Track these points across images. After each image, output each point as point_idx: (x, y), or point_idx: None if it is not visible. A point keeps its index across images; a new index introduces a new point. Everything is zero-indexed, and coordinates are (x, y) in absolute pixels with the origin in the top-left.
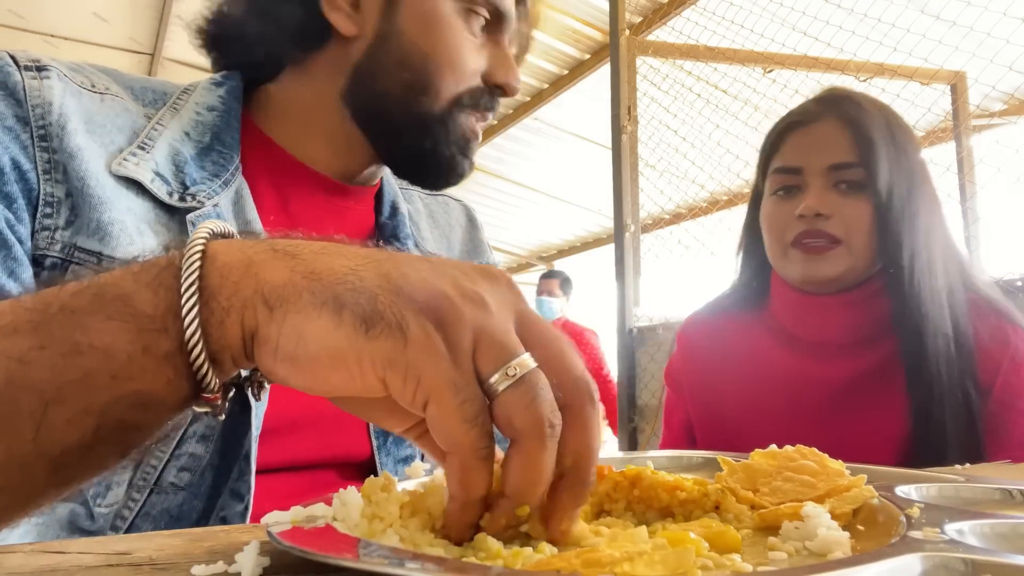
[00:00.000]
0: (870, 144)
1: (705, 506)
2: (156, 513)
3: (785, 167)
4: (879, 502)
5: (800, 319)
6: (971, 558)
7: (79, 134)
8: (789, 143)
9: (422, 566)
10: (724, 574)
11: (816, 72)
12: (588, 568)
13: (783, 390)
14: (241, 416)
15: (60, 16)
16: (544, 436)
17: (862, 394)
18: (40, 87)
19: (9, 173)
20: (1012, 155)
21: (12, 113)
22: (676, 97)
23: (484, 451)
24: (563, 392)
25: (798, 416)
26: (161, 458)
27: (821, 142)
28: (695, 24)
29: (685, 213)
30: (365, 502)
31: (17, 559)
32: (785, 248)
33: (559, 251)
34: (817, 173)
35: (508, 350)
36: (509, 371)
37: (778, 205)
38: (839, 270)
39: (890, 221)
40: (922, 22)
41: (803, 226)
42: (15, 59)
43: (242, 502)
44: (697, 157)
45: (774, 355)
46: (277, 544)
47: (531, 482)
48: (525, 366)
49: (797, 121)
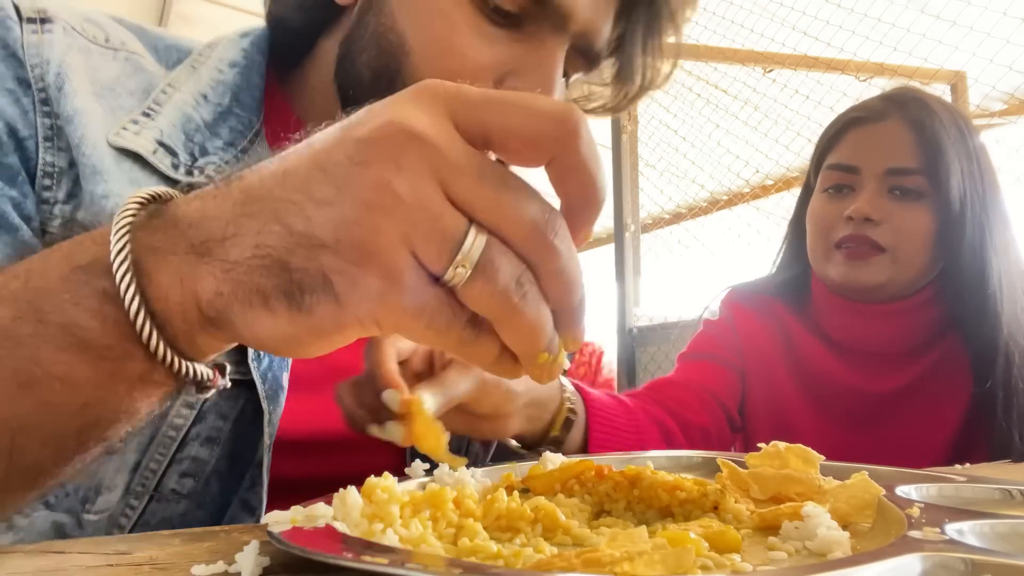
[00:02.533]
0: (936, 151)
1: (704, 506)
2: (156, 522)
3: (840, 164)
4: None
5: (841, 325)
6: (971, 558)
7: (79, 95)
8: (848, 140)
9: (422, 566)
10: (724, 574)
11: (816, 72)
12: (588, 568)
13: (824, 392)
14: (253, 420)
15: None
16: (517, 307)
17: (910, 401)
18: (40, 42)
19: (7, 143)
20: (1012, 155)
21: (13, 75)
22: (676, 97)
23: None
24: (523, 251)
25: (841, 418)
26: (161, 462)
27: (882, 142)
28: (695, 24)
29: (685, 213)
30: (365, 502)
31: (17, 559)
32: (828, 249)
33: None
34: (873, 175)
35: (447, 240)
36: (458, 269)
37: (827, 203)
38: (880, 279)
39: (964, 237)
40: (922, 22)
41: (850, 228)
42: (18, 9)
43: (253, 515)
44: (697, 157)
45: (816, 355)
46: (277, 544)
47: (527, 342)
48: (472, 255)
49: (859, 117)
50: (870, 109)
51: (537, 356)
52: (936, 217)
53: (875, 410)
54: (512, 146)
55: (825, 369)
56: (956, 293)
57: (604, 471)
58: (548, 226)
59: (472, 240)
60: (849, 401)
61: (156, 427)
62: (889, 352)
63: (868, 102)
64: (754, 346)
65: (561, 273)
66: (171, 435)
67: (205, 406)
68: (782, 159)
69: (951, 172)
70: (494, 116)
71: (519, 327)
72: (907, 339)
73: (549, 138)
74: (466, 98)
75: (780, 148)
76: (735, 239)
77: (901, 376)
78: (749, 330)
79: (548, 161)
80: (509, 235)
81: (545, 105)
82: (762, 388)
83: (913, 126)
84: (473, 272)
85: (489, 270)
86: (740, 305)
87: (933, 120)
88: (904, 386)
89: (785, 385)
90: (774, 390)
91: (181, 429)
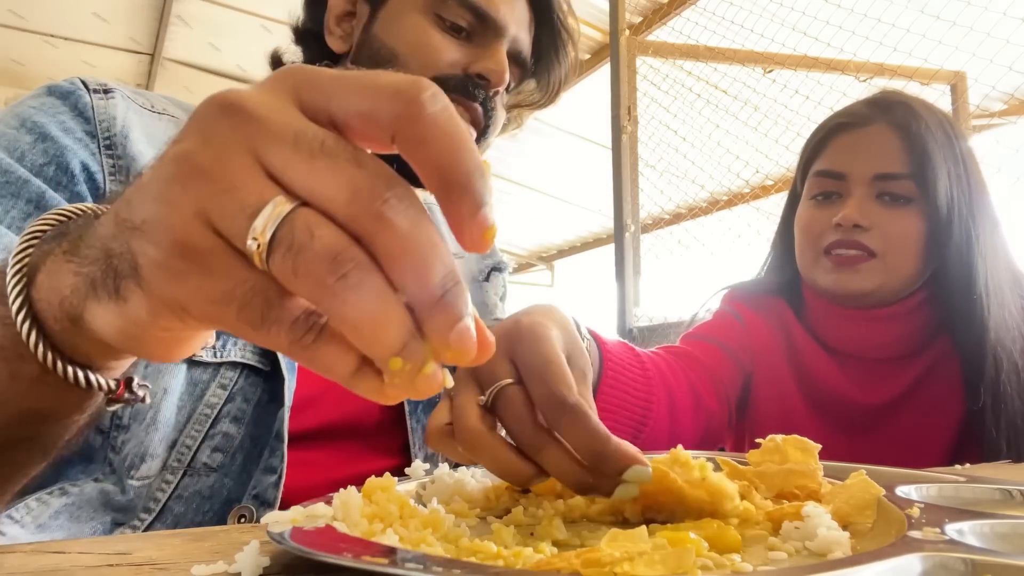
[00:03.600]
0: (923, 155)
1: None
2: (188, 495)
3: (827, 171)
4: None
5: (835, 331)
6: (971, 558)
7: (140, 142)
8: (834, 146)
9: (422, 566)
10: (724, 574)
11: (816, 72)
12: (588, 568)
13: (823, 398)
14: (268, 403)
15: (60, 16)
16: (334, 292)
17: (902, 413)
18: (106, 105)
19: (79, 175)
20: (1012, 155)
21: (81, 128)
22: (676, 97)
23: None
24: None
25: (840, 423)
26: (196, 438)
27: (869, 148)
28: (695, 24)
29: (685, 213)
30: (365, 502)
31: (17, 559)
32: (817, 256)
33: (559, 251)
34: (861, 181)
35: (244, 209)
36: (251, 245)
37: (815, 210)
38: (870, 285)
39: (952, 240)
40: (922, 22)
41: (838, 235)
42: (86, 84)
43: (275, 473)
44: (697, 157)
45: (815, 360)
46: (277, 544)
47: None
48: (268, 225)
49: (845, 123)
50: (855, 115)
51: (387, 361)
52: (925, 221)
53: (871, 419)
54: (354, 125)
55: (824, 374)
56: (944, 297)
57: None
58: (374, 193)
59: (272, 209)
60: (845, 408)
61: (193, 407)
62: (883, 357)
63: (853, 107)
64: (762, 345)
65: (405, 252)
66: (206, 413)
67: (235, 388)
68: (782, 159)
69: (939, 176)
70: (337, 96)
71: (345, 316)
72: (899, 344)
73: (389, 114)
74: (315, 79)
75: (780, 148)
76: (735, 239)
77: (895, 384)
78: (755, 328)
79: (392, 139)
80: (326, 205)
81: (386, 79)
82: (768, 389)
83: (899, 131)
84: (271, 244)
85: (290, 241)
86: (744, 304)
87: (919, 124)
88: (899, 395)
89: (789, 387)
90: (779, 392)
91: (215, 407)
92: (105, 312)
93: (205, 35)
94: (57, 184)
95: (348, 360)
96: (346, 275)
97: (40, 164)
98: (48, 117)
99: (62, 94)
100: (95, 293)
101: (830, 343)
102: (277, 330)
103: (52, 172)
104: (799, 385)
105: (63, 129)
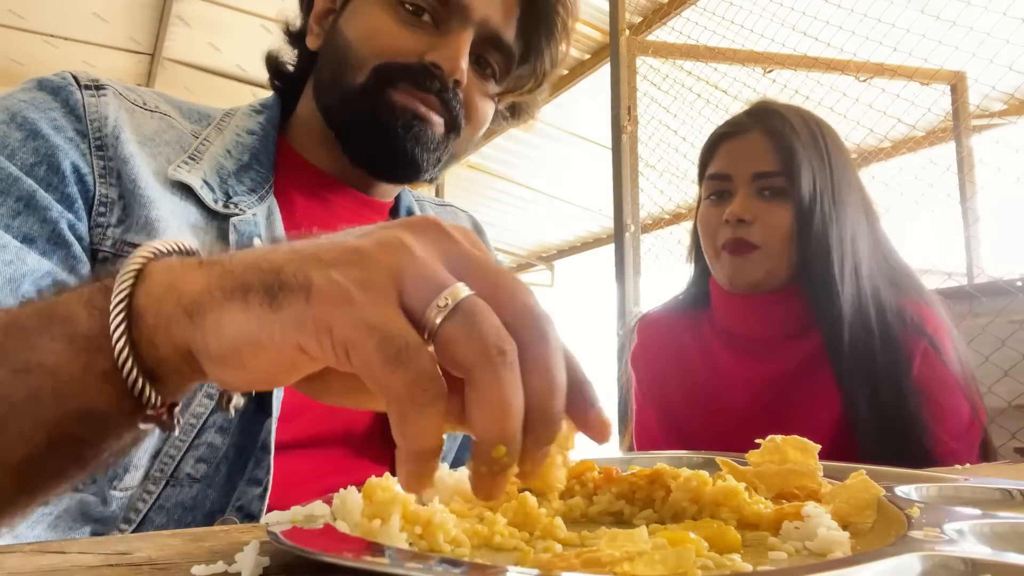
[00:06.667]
0: (791, 155)
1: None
2: (170, 506)
3: (716, 174)
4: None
5: (732, 316)
6: (971, 558)
7: (131, 143)
8: (721, 152)
9: (422, 566)
10: (724, 574)
11: (816, 72)
12: (588, 568)
13: (725, 386)
14: (254, 415)
15: (60, 16)
16: (494, 364)
17: (796, 386)
18: (98, 103)
19: (70, 176)
20: (1012, 155)
21: (72, 127)
22: (676, 97)
23: (422, 395)
24: (510, 325)
25: (739, 411)
26: (180, 447)
27: (748, 152)
28: (695, 24)
29: (685, 213)
30: (365, 502)
31: (17, 559)
32: (717, 251)
33: (559, 251)
34: (744, 180)
35: (435, 282)
36: (440, 302)
37: (710, 209)
38: (759, 274)
39: (812, 226)
40: (922, 22)
41: (729, 232)
42: (77, 79)
43: (260, 485)
44: (697, 157)
45: (717, 353)
46: (277, 544)
47: (492, 418)
48: (457, 295)
49: (728, 132)
50: (737, 124)
51: (495, 444)
52: (794, 212)
53: (768, 393)
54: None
55: (726, 362)
56: (808, 280)
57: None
58: (542, 316)
59: (460, 288)
60: (745, 387)
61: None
62: (771, 336)
63: (735, 118)
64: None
65: (547, 367)
66: (192, 422)
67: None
68: None
69: (803, 171)
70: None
71: (490, 389)
72: (785, 324)
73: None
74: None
75: None
76: None
77: (785, 360)
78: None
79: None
80: (501, 305)
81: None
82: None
83: (771, 135)
84: (455, 311)
85: (472, 314)
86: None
87: (786, 127)
88: (791, 368)
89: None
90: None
91: (201, 417)
92: (241, 316)
93: (205, 35)
94: (47, 185)
95: (434, 439)
96: (505, 353)
97: (31, 163)
98: (39, 113)
99: (53, 89)
100: (243, 297)
101: (730, 327)
102: (404, 372)
103: (43, 172)
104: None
105: (54, 127)
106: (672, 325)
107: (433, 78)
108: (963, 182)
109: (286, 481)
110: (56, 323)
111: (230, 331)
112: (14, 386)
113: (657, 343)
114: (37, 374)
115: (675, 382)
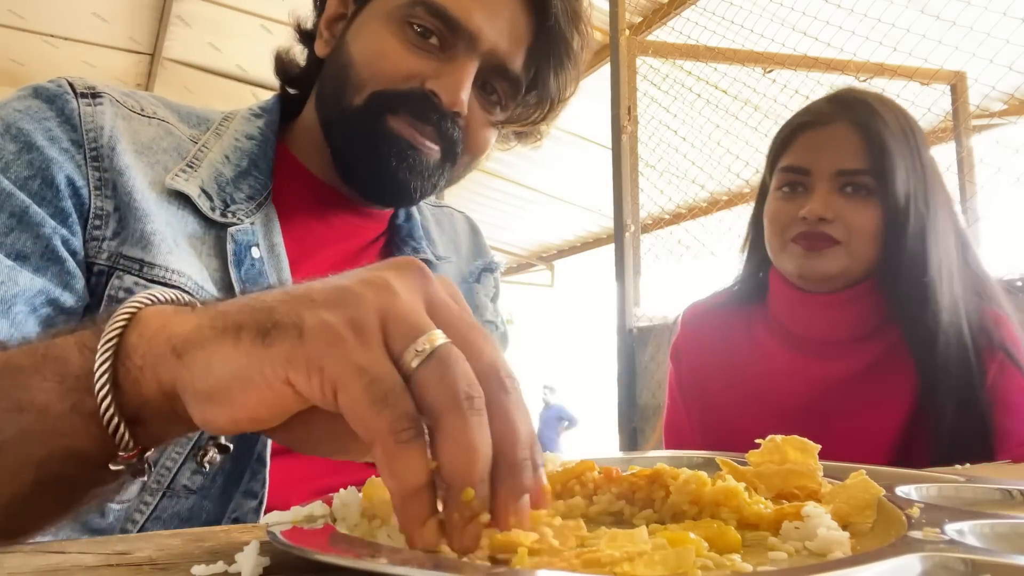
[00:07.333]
0: (883, 152)
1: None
2: (167, 517)
3: (793, 167)
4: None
5: (796, 315)
6: (971, 558)
7: (128, 153)
8: (799, 143)
9: (422, 566)
10: (724, 574)
11: (816, 72)
12: (588, 568)
13: (779, 386)
14: (236, 459)
15: (60, 16)
16: (462, 409)
17: (858, 391)
18: (94, 113)
19: (64, 190)
20: (1012, 155)
21: (67, 137)
22: (676, 97)
23: (405, 433)
24: (479, 374)
25: (792, 413)
26: (177, 460)
27: (831, 145)
28: (695, 24)
29: (685, 213)
30: (365, 502)
31: (17, 559)
32: (784, 243)
33: (559, 251)
34: (824, 176)
35: (416, 327)
36: (418, 347)
37: (782, 202)
38: (835, 269)
39: (907, 228)
40: (922, 22)
41: (805, 226)
42: (73, 87)
43: (256, 498)
44: (697, 157)
45: (771, 351)
46: (277, 544)
47: (460, 462)
48: (434, 341)
49: (809, 122)
50: (818, 113)
51: (463, 487)
52: (883, 211)
53: (826, 398)
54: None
55: (782, 362)
56: (896, 283)
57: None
58: (507, 372)
59: (437, 334)
60: (802, 390)
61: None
62: (839, 338)
63: (815, 105)
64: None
65: (511, 420)
66: (188, 434)
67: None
68: None
69: (896, 170)
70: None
71: (459, 433)
72: (855, 326)
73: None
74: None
75: None
76: (735, 239)
77: (851, 361)
78: (697, 342)
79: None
80: (472, 356)
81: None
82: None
83: (860, 129)
84: (430, 357)
85: (446, 361)
86: (688, 320)
87: (878, 122)
88: (853, 372)
89: (737, 390)
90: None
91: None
92: (231, 351)
93: (205, 35)
94: (41, 199)
95: (423, 473)
96: (473, 400)
97: (24, 177)
98: (34, 124)
99: (48, 98)
100: (235, 335)
101: (789, 326)
102: (389, 414)
103: (36, 186)
104: (740, 382)
105: (49, 138)
106: (721, 318)
107: (433, 107)
108: (963, 182)
109: (285, 483)
110: (49, 363)
111: (219, 366)
112: (5, 424)
113: (703, 335)
114: (28, 413)
115: (720, 378)
